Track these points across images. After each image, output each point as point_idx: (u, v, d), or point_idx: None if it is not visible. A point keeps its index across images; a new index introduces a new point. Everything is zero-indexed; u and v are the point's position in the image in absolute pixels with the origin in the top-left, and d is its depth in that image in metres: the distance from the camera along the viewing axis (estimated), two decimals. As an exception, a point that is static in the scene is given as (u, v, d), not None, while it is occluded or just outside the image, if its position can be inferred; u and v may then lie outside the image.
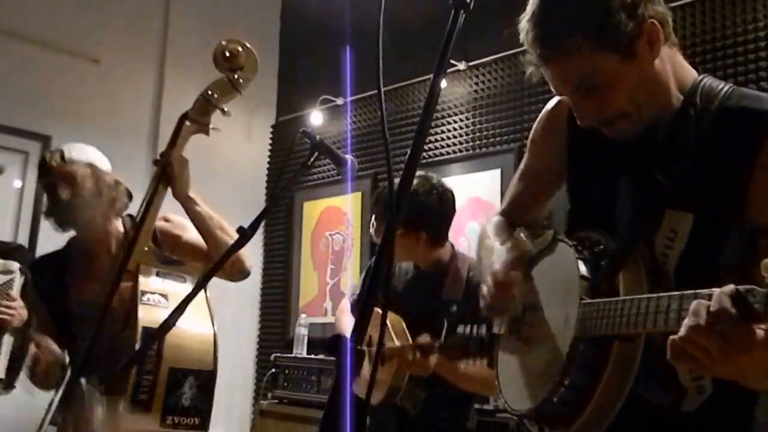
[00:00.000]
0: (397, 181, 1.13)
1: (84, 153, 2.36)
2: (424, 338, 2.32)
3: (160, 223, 2.29)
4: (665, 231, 1.23)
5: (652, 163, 1.29)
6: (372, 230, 2.66)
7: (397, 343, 2.43)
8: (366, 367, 2.40)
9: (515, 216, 1.61)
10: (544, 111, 1.55)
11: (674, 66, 1.31)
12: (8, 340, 2.74)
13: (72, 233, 2.45)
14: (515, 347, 1.41)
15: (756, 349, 0.93)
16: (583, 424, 1.18)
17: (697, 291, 0.98)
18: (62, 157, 2.31)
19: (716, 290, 0.95)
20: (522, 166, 1.63)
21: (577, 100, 1.30)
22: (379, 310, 1.10)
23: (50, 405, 2.11)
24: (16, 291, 2.75)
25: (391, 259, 1.11)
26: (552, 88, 1.35)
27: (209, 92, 2.17)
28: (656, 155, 1.29)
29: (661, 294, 1.06)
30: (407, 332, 2.45)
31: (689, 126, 1.27)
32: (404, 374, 2.41)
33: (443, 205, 2.57)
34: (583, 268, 1.26)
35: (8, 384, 2.75)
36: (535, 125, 1.58)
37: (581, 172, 1.46)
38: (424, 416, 2.43)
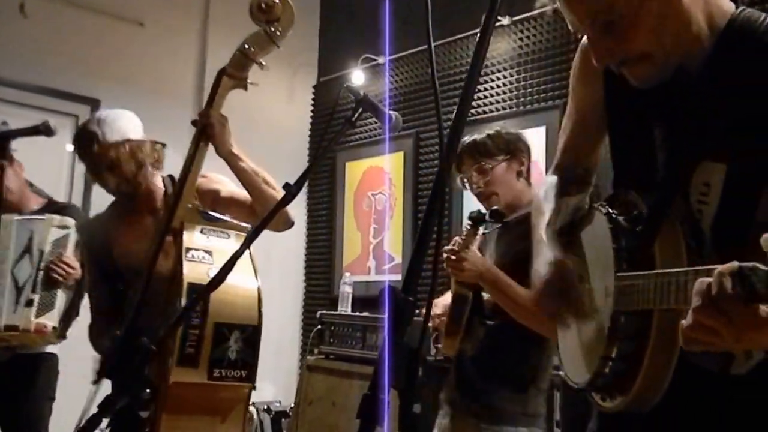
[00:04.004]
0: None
1: (118, 129, 2.34)
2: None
3: (197, 180, 2.29)
4: (698, 185, 1.15)
5: (686, 111, 1.19)
6: (459, 180, 2.56)
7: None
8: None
9: (568, 168, 1.51)
10: (577, 53, 1.45)
11: (707, 1, 1.19)
12: (62, 294, 2.88)
13: None
14: (569, 320, 1.37)
15: (765, 326, 0.88)
16: (639, 392, 1.15)
17: (710, 267, 0.92)
18: (98, 141, 2.30)
19: (717, 268, 0.89)
20: (566, 113, 1.53)
21: (593, 37, 1.20)
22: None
23: (99, 361, 2.18)
24: (71, 247, 2.90)
25: (442, 207, 1.09)
26: (569, 26, 1.24)
27: (246, 46, 2.16)
28: (690, 101, 1.19)
29: (680, 269, 1.02)
30: None
31: (724, 67, 1.16)
32: (464, 308, 2.37)
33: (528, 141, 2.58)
34: (617, 239, 1.20)
35: (61, 333, 2.90)
36: (572, 69, 1.48)
37: (619, 122, 1.35)
38: (481, 358, 2.38)
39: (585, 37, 1.36)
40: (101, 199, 2.64)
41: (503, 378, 2.36)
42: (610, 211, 1.25)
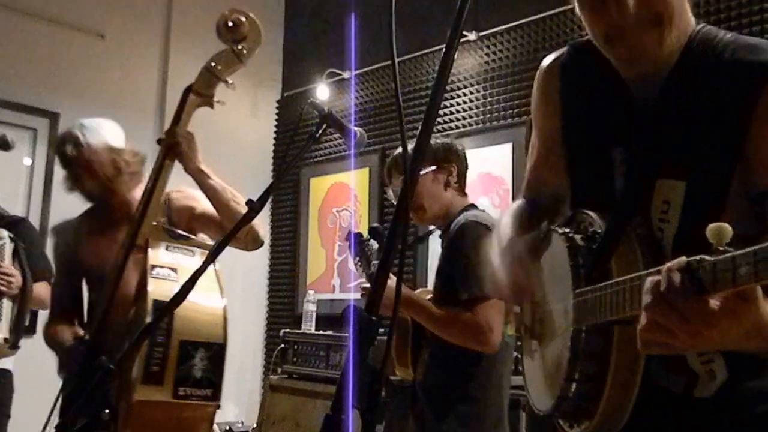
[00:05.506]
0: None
1: (100, 135, 2.39)
2: None
3: (173, 195, 2.33)
4: (658, 203, 1.16)
5: (645, 129, 1.20)
6: (391, 191, 2.60)
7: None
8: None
9: (535, 192, 1.51)
10: (536, 80, 1.46)
11: (682, 10, 1.21)
12: (8, 304, 2.87)
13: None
14: (532, 346, 1.37)
15: (716, 320, 0.87)
16: (604, 414, 1.13)
17: (660, 268, 0.92)
18: (80, 145, 2.34)
19: (666, 265, 0.89)
20: (531, 139, 1.53)
21: None
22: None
23: (65, 381, 2.13)
24: (7, 258, 2.90)
25: (407, 222, 1.09)
26: None
27: (213, 64, 2.16)
28: (649, 119, 1.20)
29: (633, 275, 1.01)
30: None
31: (683, 84, 1.18)
32: (406, 334, 2.41)
33: (463, 148, 2.56)
34: (574, 257, 1.19)
35: (14, 344, 2.88)
36: (532, 96, 1.49)
37: (576, 144, 1.36)
38: (427, 380, 2.38)
39: (545, 62, 1.41)
40: (60, 215, 2.62)
41: (450, 402, 2.32)
42: (567, 230, 1.25)
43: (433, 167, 2.42)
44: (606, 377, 1.11)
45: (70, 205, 2.57)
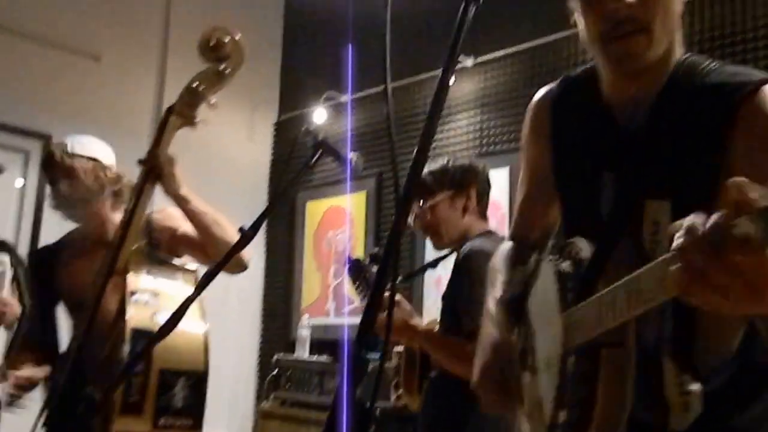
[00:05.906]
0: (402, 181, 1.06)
1: (87, 147, 2.37)
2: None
3: (154, 216, 2.29)
4: (648, 225, 1.16)
5: (633, 153, 1.24)
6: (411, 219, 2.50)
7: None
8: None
9: (525, 231, 1.52)
10: (527, 112, 1.49)
11: (671, 30, 1.25)
12: (4, 332, 2.81)
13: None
14: (527, 379, 1.36)
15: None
16: None
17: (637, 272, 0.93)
18: (65, 150, 2.32)
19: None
20: (520, 178, 1.55)
21: None
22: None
23: (41, 412, 2.08)
24: (6, 285, 2.81)
25: (398, 253, 1.06)
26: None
27: (195, 84, 2.12)
28: (637, 143, 1.25)
29: (613, 286, 1.01)
30: None
31: (668, 109, 1.23)
32: (414, 362, 2.36)
33: (484, 168, 2.46)
34: (562, 282, 1.20)
35: (3, 375, 2.80)
36: (522, 131, 1.51)
37: (567, 171, 1.39)
38: (426, 411, 2.33)
39: (536, 96, 1.46)
40: (51, 238, 2.60)
41: None
42: (555, 257, 1.26)
43: (450, 192, 2.36)
44: (594, 402, 1.11)
45: (60, 229, 2.55)
